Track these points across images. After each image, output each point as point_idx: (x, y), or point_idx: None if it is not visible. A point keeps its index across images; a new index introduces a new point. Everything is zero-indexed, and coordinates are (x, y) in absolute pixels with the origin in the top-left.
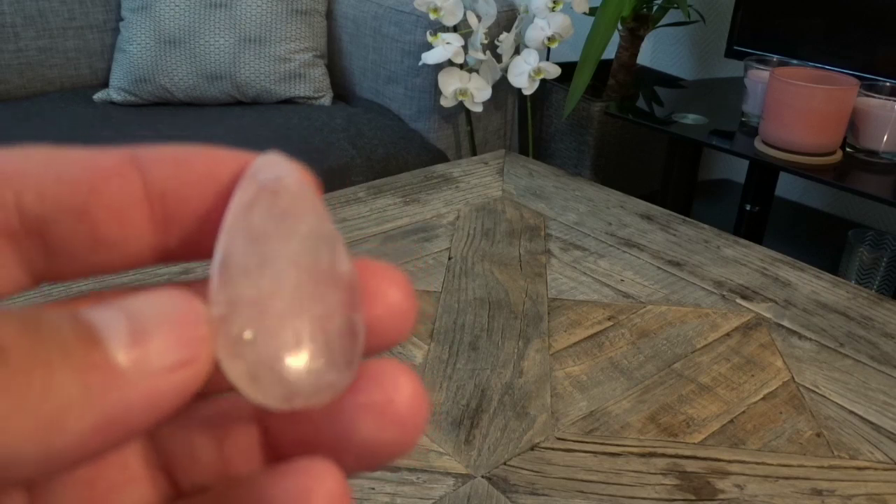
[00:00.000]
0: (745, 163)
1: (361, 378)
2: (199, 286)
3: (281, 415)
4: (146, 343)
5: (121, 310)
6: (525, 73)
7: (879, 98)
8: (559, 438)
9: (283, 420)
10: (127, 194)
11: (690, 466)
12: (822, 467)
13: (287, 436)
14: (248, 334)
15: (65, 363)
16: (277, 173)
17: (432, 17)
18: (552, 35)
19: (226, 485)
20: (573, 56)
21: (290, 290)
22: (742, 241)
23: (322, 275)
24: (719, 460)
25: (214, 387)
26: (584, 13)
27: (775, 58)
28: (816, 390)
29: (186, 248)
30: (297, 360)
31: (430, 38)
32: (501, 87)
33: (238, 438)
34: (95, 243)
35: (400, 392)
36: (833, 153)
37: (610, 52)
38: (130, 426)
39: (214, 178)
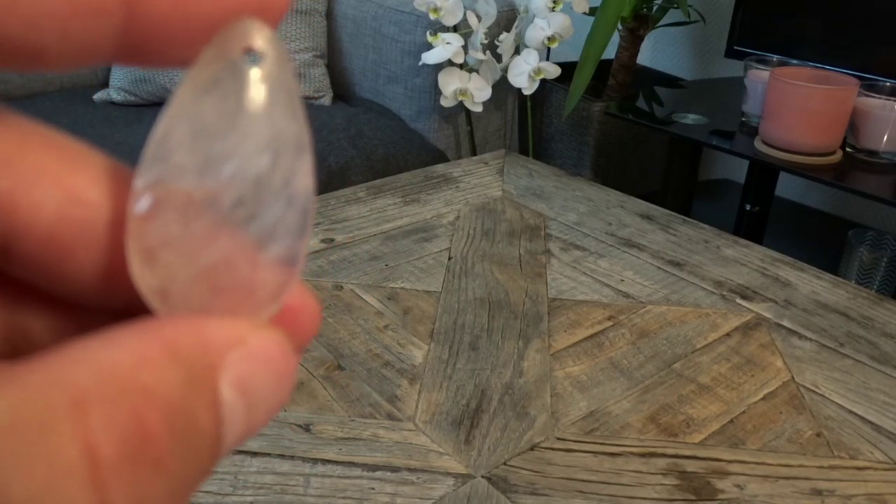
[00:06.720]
0: (745, 163)
1: None
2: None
3: None
4: (255, 424)
5: (242, 395)
6: (525, 73)
7: (879, 98)
8: (559, 438)
9: None
10: None
11: (690, 466)
12: (822, 467)
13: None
14: (165, 253)
15: (194, 463)
16: (248, 48)
17: (432, 17)
18: (552, 35)
19: None
20: (573, 56)
21: (228, 205)
22: (742, 241)
23: (271, 192)
24: (719, 460)
25: None
26: (584, 13)
27: (775, 58)
28: (816, 390)
29: (150, 47)
30: (209, 293)
31: (430, 38)
32: (501, 87)
33: None
34: None
35: None
36: (833, 153)
37: (610, 52)
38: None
39: None
